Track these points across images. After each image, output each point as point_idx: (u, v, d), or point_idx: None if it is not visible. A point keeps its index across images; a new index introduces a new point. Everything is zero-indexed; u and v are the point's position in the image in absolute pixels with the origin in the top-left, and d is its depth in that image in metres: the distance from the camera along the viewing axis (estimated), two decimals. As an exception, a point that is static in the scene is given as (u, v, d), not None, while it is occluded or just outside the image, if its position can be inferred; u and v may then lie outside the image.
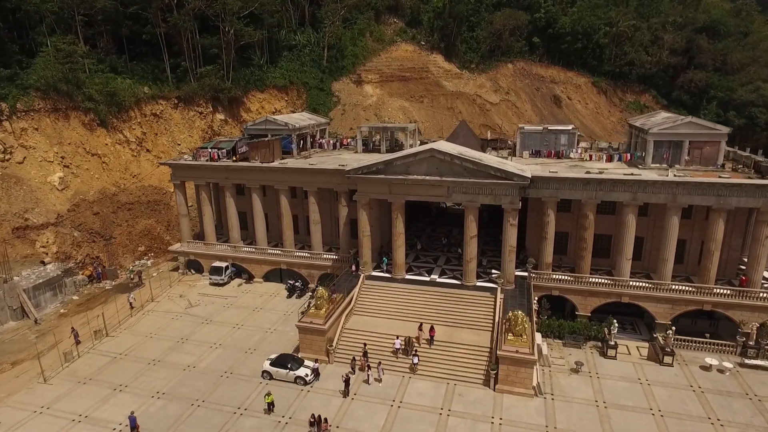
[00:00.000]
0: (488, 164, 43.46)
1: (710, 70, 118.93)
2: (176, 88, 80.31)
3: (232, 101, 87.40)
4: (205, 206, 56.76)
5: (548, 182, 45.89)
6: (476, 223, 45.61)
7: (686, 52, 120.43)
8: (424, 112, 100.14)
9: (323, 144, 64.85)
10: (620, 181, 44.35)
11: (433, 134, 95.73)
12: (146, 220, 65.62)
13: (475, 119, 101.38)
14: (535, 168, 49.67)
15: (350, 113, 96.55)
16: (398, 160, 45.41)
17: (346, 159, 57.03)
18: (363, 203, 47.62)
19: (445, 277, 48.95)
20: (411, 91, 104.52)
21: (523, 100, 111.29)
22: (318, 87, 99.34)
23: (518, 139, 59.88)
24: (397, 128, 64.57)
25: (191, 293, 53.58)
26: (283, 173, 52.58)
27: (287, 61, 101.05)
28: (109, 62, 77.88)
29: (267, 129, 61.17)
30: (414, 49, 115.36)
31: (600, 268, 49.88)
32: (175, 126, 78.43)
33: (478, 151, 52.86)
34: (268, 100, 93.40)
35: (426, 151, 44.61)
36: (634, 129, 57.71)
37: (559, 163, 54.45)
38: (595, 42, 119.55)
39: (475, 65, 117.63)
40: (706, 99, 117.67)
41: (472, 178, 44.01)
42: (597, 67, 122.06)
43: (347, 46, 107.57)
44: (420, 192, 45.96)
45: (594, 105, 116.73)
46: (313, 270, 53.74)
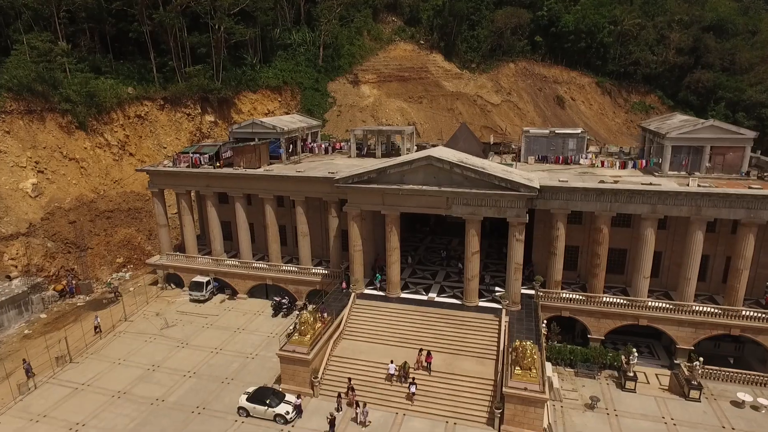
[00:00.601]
0: (492, 173, 38.47)
1: (718, 70, 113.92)
2: (163, 89, 75.33)
3: (223, 102, 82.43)
4: (185, 216, 51.79)
5: (558, 192, 40.91)
6: (478, 237, 40.64)
7: (693, 52, 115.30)
8: (423, 113, 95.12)
9: (314, 148, 59.85)
10: (638, 192, 39.35)
11: (432, 136, 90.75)
12: (126, 228, 60.71)
13: (475, 121, 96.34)
14: (543, 176, 44.72)
15: (346, 114, 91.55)
16: (392, 169, 40.43)
17: (337, 165, 52.11)
18: (354, 215, 42.66)
19: (444, 295, 43.98)
20: (410, 91, 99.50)
21: (525, 100, 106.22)
22: (313, 87, 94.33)
23: (523, 143, 54.88)
24: (394, 131, 59.59)
25: (169, 311, 48.65)
26: (268, 181, 47.62)
27: (281, 61, 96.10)
28: (92, 61, 73.02)
29: (254, 132, 56.20)
30: (413, 48, 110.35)
31: (613, 285, 44.94)
32: (161, 128, 73.48)
33: (480, 158, 47.89)
34: (261, 101, 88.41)
35: (422, 159, 39.63)
36: (648, 133, 52.70)
37: (567, 169, 49.47)
38: (599, 41, 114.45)
39: (476, 65, 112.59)
40: (713, 100, 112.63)
41: (473, 189, 39.02)
42: (601, 66, 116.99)
43: (344, 45, 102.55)
44: (416, 203, 40.99)
45: (598, 106, 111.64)
46: (301, 286, 48.80)
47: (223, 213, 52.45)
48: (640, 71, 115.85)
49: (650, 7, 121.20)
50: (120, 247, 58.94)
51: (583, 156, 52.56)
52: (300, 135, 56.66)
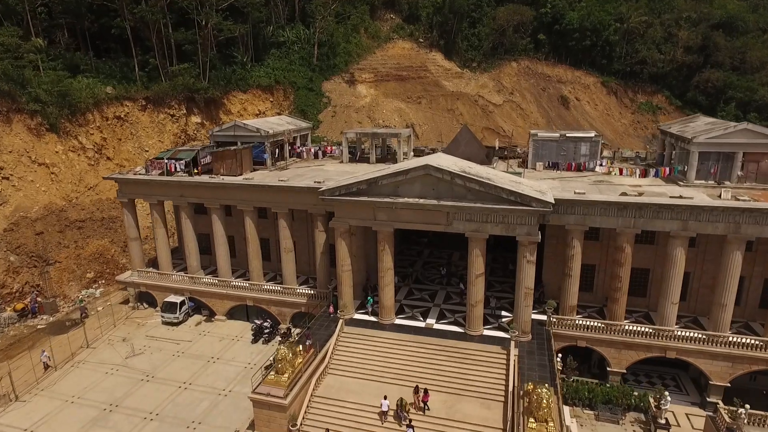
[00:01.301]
0: (499, 185, 32.74)
1: (728, 69, 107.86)
2: (145, 88, 69.59)
3: (210, 103, 76.70)
4: (158, 229, 46.06)
5: (574, 206, 35.19)
6: (483, 258, 34.92)
7: (702, 50, 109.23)
8: (421, 114, 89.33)
9: (303, 152, 54.10)
10: (667, 207, 33.65)
11: (431, 138, 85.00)
12: (99, 240, 55.02)
13: (477, 122, 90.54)
14: (554, 185, 39.08)
15: (341, 115, 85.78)
16: (385, 179, 34.70)
17: (327, 172, 46.44)
18: (342, 231, 36.95)
19: (444, 321, 38.26)
20: (408, 91, 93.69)
21: (528, 101, 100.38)
22: (307, 87, 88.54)
23: (530, 147, 49.14)
24: (389, 134, 53.85)
25: (137, 335, 42.98)
26: (247, 191, 41.91)
27: (274, 59, 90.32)
28: (70, 59, 67.40)
29: (236, 136, 50.50)
30: (412, 46, 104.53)
31: (634, 309, 39.24)
32: (143, 130, 67.77)
33: (483, 164, 42.19)
34: (251, 101, 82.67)
35: (419, 168, 33.90)
36: (669, 136, 47.03)
37: (580, 177, 43.78)
38: (605, 39, 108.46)
39: (477, 64, 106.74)
40: (723, 100, 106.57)
41: (478, 203, 33.30)
42: (606, 65, 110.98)
43: (340, 43, 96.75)
44: (412, 218, 35.24)
45: (604, 106, 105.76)
46: (285, 308, 43.11)
47: (201, 225, 46.76)
48: (646, 70, 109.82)
49: (657, 4, 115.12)
50: (91, 261, 53.27)
51: (597, 162, 46.84)
52: (287, 138, 50.91)
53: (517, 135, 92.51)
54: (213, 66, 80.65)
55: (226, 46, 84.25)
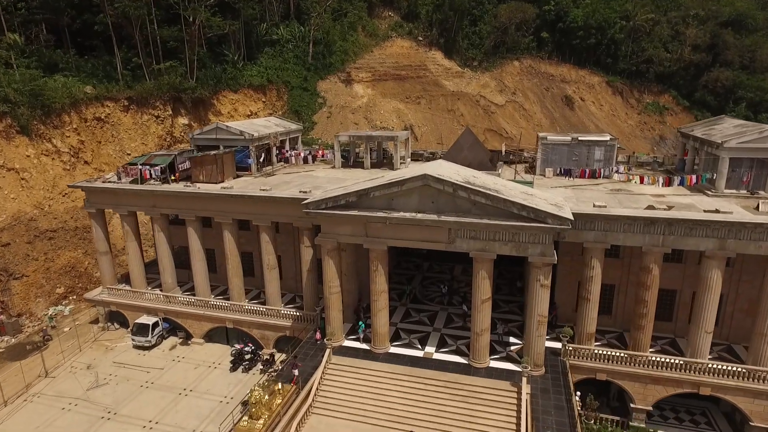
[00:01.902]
0: (509, 198, 27.82)
1: (737, 68, 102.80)
2: (128, 88, 64.65)
3: (198, 103, 71.76)
4: (130, 242, 41.12)
5: (593, 221, 30.32)
6: (490, 281, 30.03)
7: (710, 49, 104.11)
8: (421, 114, 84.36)
9: (292, 157, 49.16)
10: (701, 223, 28.76)
11: (431, 140, 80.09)
12: (71, 252, 50.14)
13: (478, 123, 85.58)
14: (567, 195, 34.22)
15: (337, 116, 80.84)
16: (377, 191, 29.79)
17: (317, 179, 41.59)
18: (329, 249, 32.06)
19: (445, 350, 33.36)
20: (407, 91, 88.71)
21: (531, 101, 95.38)
22: (301, 87, 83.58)
23: (539, 152, 44.20)
24: (385, 137, 48.91)
25: (104, 362, 38.11)
26: (225, 202, 36.98)
27: (268, 58, 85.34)
28: (48, 56, 62.50)
29: (218, 139, 45.62)
30: (411, 44, 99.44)
31: (659, 335, 34.37)
32: (125, 132, 62.83)
33: (491, 175, 37.32)
34: (243, 101, 77.73)
35: (417, 179, 28.99)
36: (692, 140, 42.04)
37: (594, 185, 38.97)
38: (610, 37, 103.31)
39: (478, 63, 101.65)
40: (732, 100, 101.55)
41: (484, 218, 28.39)
42: (611, 65, 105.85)
43: (336, 41, 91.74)
44: (409, 235, 30.32)
45: (609, 107, 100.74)
46: (268, 331, 38.23)
47: (180, 237, 41.91)
48: (652, 69, 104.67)
49: (664, 2, 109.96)
50: (61, 275, 48.39)
51: (613, 168, 41.90)
52: (273, 142, 45.97)
53: (521, 136, 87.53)
54: (203, 65, 75.80)
55: (216, 44, 79.36)
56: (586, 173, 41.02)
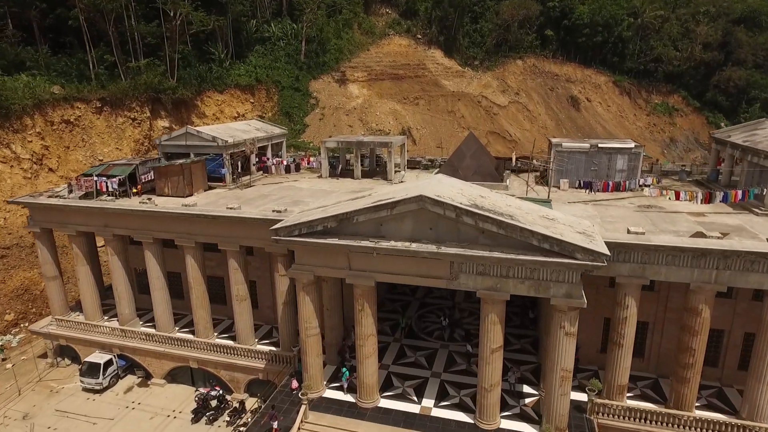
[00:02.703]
0: (527, 227, 21.58)
1: (750, 67, 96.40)
2: (101, 88, 58.40)
3: (180, 104, 65.52)
4: (81, 267, 34.83)
5: (629, 252, 24.08)
6: (501, 325, 23.77)
7: (722, 47, 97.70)
8: (419, 116, 78.07)
9: (272, 165, 42.92)
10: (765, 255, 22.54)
11: (430, 144, 73.82)
12: (26, 272, 43.93)
13: (480, 125, 79.30)
14: (588, 212, 28.03)
15: (330, 118, 74.58)
16: (362, 215, 23.57)
17: (300, 191, 35.50)
18: (305, 283, 25.84)
19: (446, 403, 27.11)
20: (404, 91, 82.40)
21: (535, 101, 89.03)
22: (292, 87, 77.28)
23: (553, 161, 37.96)
24: (378, 143, 42.67)
25: (45, 409, 31.90)
26: (187, 222, 30.75)
27: (258, 57, 79.12)
28: (14, 54, 56.27)
29: (188, 146, 39.43)
30: (409, 43, 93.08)
31: (702, 383, 28.07)
32: (98, 136, 56.63)
33: (502, 193, 31.12)
34: (229, 102, 71.48)
35: (411, 200, 22.74)
36: (729, 147, 35.76)
37: (618, 200, 32.81)
38: (617, 35, 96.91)
39: (480, 62, 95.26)
40: (745, 100, 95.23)
41: (496, 250, 22.16)
42: (618, 63, 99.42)
43: (330, 38, 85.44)
44: (401, 268, 24.09)
45: (617, 108, 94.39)
46: (237, 373, 32.04)
47: (140, 259, 35.70)
48: (661, 69, 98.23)
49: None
50: (12, 299, 42.17)
51: (639, 180, 35.66)
52: (250, 149, 39.69)
53: (524, 139, 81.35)
54: (189, 63, 69.66)
55: (204, 41, 73.15)
56: (609, 186, 34.72)
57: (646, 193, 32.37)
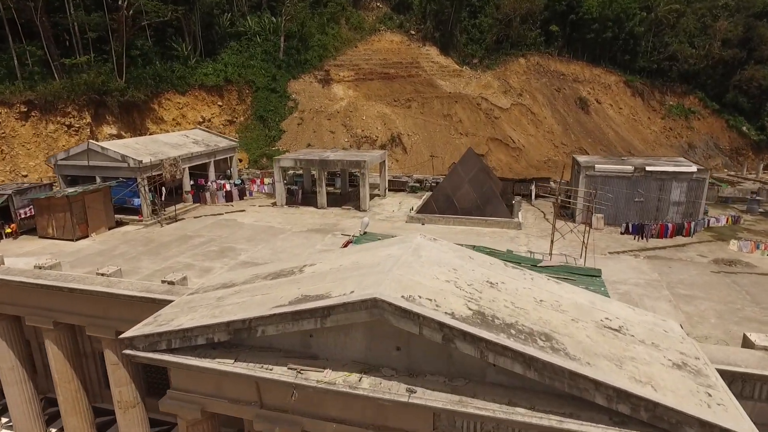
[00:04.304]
0: (585, 374, 10.27)
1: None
2: (28, 89, 47.17)
3: (131, 108, 54.24)
4: None
5: (757, 385, 12.74)
6: None
7: (744, 44, 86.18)
8: (411, 120, 66.72)
9: (207, 192, 31.60)
10: None
11: (423, 152, 62.51)
12: None
13: (480, 130, 67.96)
14: (645, 276, 16.75)
15: (310, 123, 63.30)
16: (272, 324, 12.30)
17: (238, 231, 24.43)
18: (190, 421, 14.60)
19: None
20: (395, 92, 71.01)
21: (540, 104, 77.56)
22: (268, 87, 66.02)
23: (582, 186, 26.65)
24: (348, 161, 31.36)
25: None
26: (37, 295, 19.49)
27: (231, 54, 67.87)
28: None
29: (92, 167, 28.28)
30: (401, 39, 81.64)
31: None
32: (22, 147, 45.47)
33: (534, 294, 20.12)
34: (193, 105, 60.24)
35: (358, 305, 11.44)
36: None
37: (677, 247, 21.71)
38: (629, 31, 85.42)
39: (479, 60, 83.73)
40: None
41: (519, 398, 10.87)
42: (630, 62, 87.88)
43: (313, 34, 74.19)
44: (350, 414, 12.84)
45: (629, 110, 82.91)
46: None
47: None
48: (676, 67, 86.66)
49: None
50: None
51: (704, 218, 24.40)
52: (170, 172, 28.39)
53: (529, 146, 70.02)
54: (149, 61, 58.47)
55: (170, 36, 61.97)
56: (667, 230, 23.40)
57: (733, 247, 21.00)
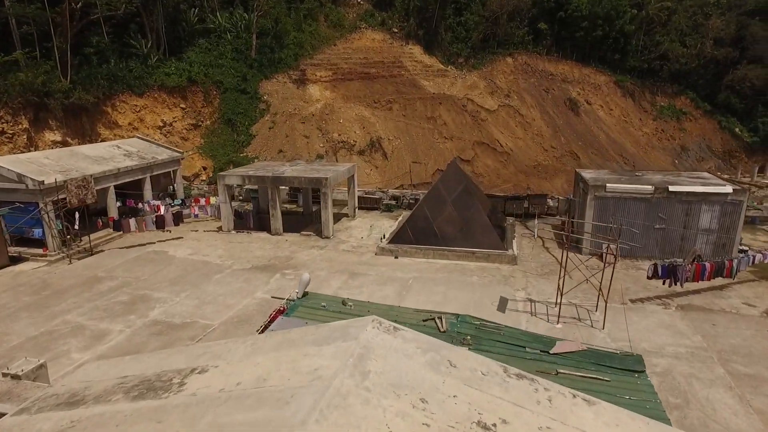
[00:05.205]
0: None
1: (766, 65, 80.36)
2: (-48, 91, 40.64)
3: (79, 111, 47.73)
4: None
5: None
6: None
7: (736, 43, 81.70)
8: (392, 123, 60.95)
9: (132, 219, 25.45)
10: None
11: (405, 158, 56.78)
12: None
13: (466, 134, 62.47)
14: (687, 342, 11.05)
15: (282, 127, 57.23)
16: None
17: (164, 270, 18.54)
18: None
19: None
20: (376, 93, 65.19)
21: (528, 105, 72.29)
22: (238, 88, 59.78)
23: (591, 209, 21.03)
24: (306, 179, 25.45)
25: None
26: None
27: (199, 52, 61.53)
28: None
29: (-17, 188, 21.90)
30: (383, 37, 75.85)
31: None
32: (-56, 157, 38.68)
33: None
34: (153, 108, 53.78)
35: None
36: None
37: (714, 291, 15.99)
38: (619, 29, 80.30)
39: (464, 59, 78.17)
40: (762, 102, 79.22)
41: None
42: (620, 62, 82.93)
43: (289, 31, 68.08)
44: None
45: (620, 111, 78.01)
46: None
47: None
48: (667, 67, 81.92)
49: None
50: None
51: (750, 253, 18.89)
52: (80, 194, 22.24)
53: (517, 149, 64.68)
54: (106, 59, 51.99)
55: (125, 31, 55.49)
56: (704, 272, 17.85)
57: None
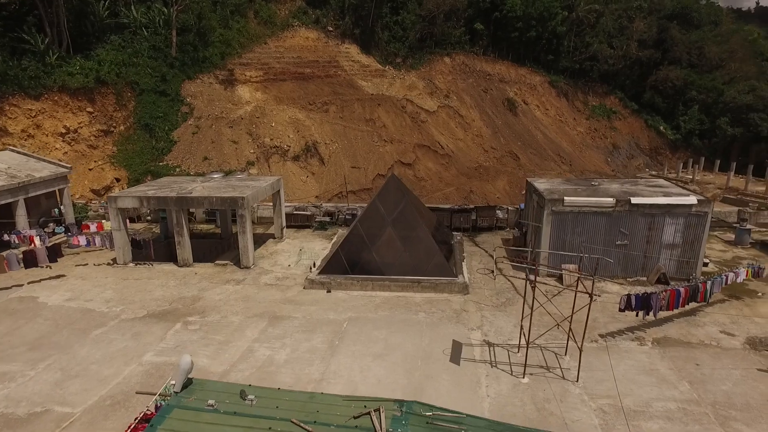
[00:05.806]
0: None
1: (686, 66, 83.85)
2: None
3: (-44, 117, 40.08)
4: None
5: None
6: None
7: (658, 45, 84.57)
8: (329, 126, 56.84)
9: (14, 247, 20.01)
10: None
11: (343, 164, 52.91)
12: None
13: (406, 136, 59.50)
14: (675, 394, 8.05)
15: (208, 132, 51.59)
16: None
17: (20, 328, 13.21)
18: None
19: None
20: (311, 94, 60.79)
21: (468, 105, 70.61)
22: (156, 90, 53.38)
23: (547, 226, 18.21)
24: (218, 198, 20.99)
25: None
26: None
27: (111, 50, 54.26)
28: None
29: None
30: (318, 36, 71.39)
31: None
32: None
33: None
34: (52, 112, 46.51)
35: None
36: None
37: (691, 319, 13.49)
38: (551, 30, 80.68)
39: (402, 59, 75.42)
40: (682, 102, 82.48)
41: None
42: (553, 62, 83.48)
43: (214, 28, 62.08)
44: None
45: (556, 111, 78.30)
46: None
47: None
48: (597, 68, 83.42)
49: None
50: None
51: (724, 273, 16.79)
52: None
53: (458, 151, 62.61)
54: (-6, 57, 44.12)
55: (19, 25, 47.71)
56: (678, 298, 15.41)
57: None
